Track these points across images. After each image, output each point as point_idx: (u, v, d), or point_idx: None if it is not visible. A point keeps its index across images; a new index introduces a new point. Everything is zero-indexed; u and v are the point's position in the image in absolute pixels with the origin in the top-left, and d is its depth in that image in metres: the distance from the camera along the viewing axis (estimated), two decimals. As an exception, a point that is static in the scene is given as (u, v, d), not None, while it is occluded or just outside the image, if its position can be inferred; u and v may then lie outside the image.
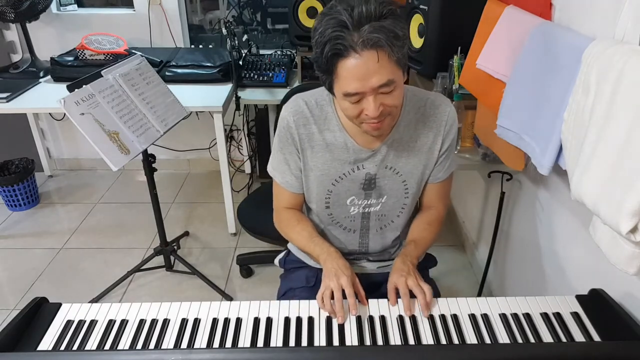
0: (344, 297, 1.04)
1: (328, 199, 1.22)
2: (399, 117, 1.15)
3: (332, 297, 1.05)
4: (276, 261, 1.45)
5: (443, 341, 0.97)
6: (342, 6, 0.93)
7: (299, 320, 1.03)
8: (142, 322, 1.02)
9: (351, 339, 0.98)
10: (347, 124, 1.14)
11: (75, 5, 2.85)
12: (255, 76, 2.48)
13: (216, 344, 0.97)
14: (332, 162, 1.17)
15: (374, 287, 1.27)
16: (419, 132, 1.17)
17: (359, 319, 1.03)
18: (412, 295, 1.06)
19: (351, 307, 1.02)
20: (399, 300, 1.07)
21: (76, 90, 1.63)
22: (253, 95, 2.40)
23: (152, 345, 0.97)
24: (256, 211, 1.95)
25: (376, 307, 1.06)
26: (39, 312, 1.04)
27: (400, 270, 1.11)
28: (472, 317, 1.03)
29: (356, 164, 1.17)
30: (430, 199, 1.29)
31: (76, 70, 2.39)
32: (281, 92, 2.31)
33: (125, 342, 0.97)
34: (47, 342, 0.97)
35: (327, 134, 1.16)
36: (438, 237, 1.29)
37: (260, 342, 0.97)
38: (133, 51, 2.41)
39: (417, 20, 1.96)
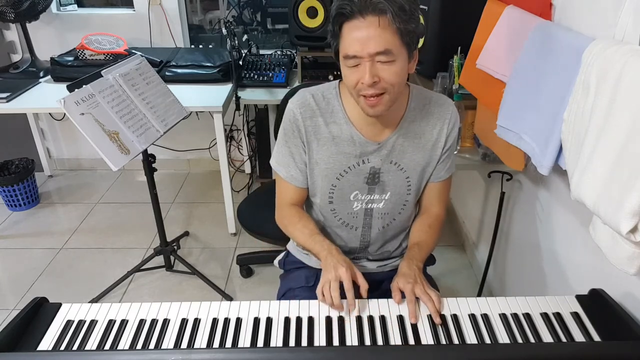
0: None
1: (332, 194, 1.23)
2: (405, 111, 1.17)
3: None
4: (275, 262, 1.45)
5: (443, 341, 0.97)
6: None
7: (299, 320, 1.03)
8: (142, 322, 1.02)
9: (351, 339, 0.98)
10: (353, 117, 1.16)
11: (75, 5, 2.85)
12: (255, 76, 2.48)
13: (216, 344, 0.97)
14: (337, 155, 1.18)
15: (374, 285, 1.27)
16: (423, 128, 1.19)
17: (359, 319, 1.03)
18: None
19: (349, 304, 1.02)
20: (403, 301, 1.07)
21: (76, 90, 1.63)
22: (253, 95, 2.40)
23: (152, 345, 0.97)
24: (256, 211, 1.95)
25: (376, 306, 1.06)
26: (39, 312, 1.03)
27: (406, 275, 1.10)
28: (472, 317, 1.03)
29: (362, 157, 1.18)
30: (430, 200, 1.30)
31: (76, 70, 2.39)
32: (281, 92, 2.31)
33: (125, 342, 0.97)
34: (47, 342, 0.97)
35: (333, 126, 1.17)
36: (439, 239, 1.30)
37: (260, 342, 0.97)
38: (133, 51, 2.41)
39: (417, 20, 1.95)
